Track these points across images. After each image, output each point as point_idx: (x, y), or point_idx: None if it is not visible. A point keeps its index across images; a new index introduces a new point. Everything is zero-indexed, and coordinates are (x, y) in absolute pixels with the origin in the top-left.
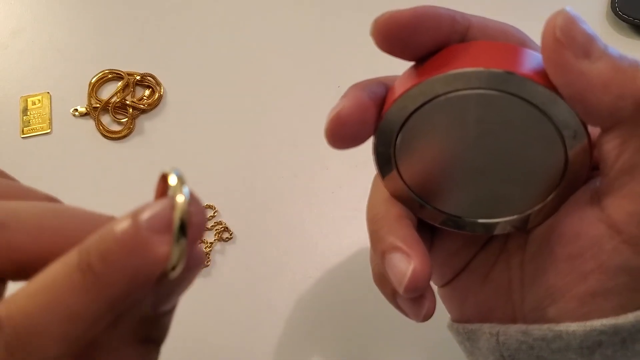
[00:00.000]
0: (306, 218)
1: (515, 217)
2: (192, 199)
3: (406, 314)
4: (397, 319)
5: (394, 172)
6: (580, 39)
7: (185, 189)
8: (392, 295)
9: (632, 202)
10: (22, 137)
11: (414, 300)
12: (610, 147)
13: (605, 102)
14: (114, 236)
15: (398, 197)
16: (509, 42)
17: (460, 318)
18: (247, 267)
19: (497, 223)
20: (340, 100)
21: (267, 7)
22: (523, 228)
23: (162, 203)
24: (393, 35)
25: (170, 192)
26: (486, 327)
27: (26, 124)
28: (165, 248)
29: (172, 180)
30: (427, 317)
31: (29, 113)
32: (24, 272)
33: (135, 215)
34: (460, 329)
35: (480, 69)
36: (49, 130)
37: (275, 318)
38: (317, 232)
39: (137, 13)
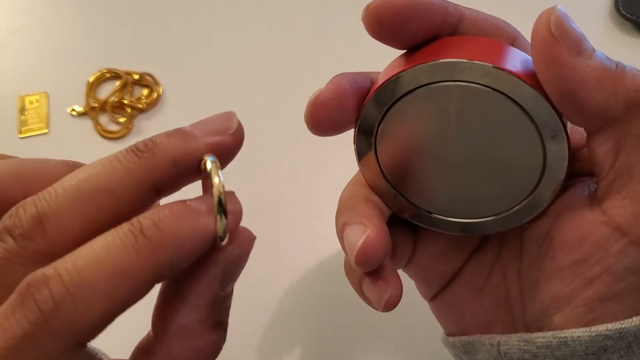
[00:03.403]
0: (306, 218)
1: (489, 218)
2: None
3: (370, 303)
4: (397, 324)
5: (372, 159)
6: (573, 37)
7: (220, 172)
8: (358, 283)
9: (635, 202)
10: (20, 137)
11: (375, 285)
12: (605, 149)
13: (597, 100)
14: (166, 208)
15: (373, 186)
16: (500, 36)
17: (456, 331)
18: (246, 267)
19: (471, 223)
20: (323, 87)
21: (267, 5)
22: (497, 230)
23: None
24: (384, 22)
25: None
26: (485, 338)
27: (24, 123)
28: (210, 220)
29: (208, 165)
30: (389, 305)
31: (26, 113)
32: None
33: (179, 201)
34: (457, 342)
35: (464, 60)
36: (46, 130)
37: (275, 319)
38: (317, 232)
39: (135, 12)
